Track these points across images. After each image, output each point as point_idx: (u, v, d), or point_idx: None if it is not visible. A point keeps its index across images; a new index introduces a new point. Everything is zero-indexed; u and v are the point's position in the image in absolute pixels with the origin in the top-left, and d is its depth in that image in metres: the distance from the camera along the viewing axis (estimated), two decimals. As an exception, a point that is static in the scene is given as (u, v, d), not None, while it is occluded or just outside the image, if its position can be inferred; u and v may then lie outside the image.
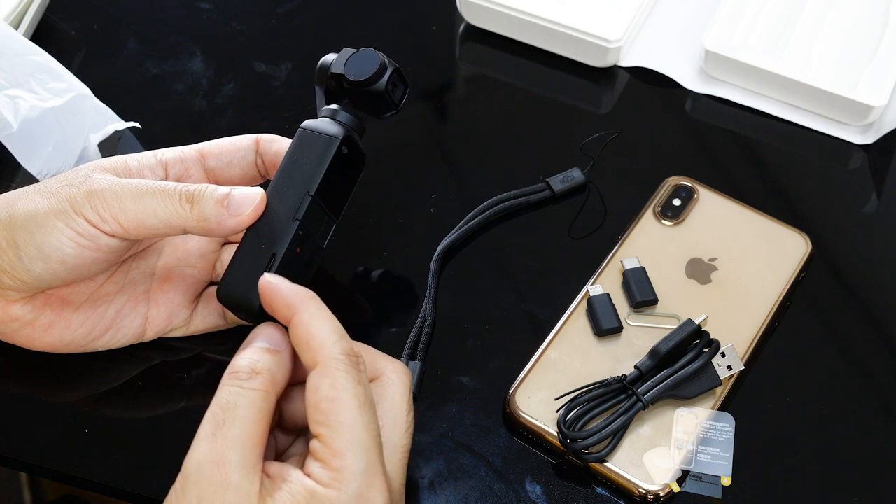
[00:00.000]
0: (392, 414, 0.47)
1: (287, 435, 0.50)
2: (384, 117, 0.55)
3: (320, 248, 0.52)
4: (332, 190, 0.52)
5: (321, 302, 0.46)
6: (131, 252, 0.55)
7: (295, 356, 0.47)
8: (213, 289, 0.56)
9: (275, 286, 0.46)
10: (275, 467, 0.44)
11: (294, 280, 0.47)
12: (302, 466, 0.44)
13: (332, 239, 0.53)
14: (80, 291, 0.54)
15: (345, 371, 0.44)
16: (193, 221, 0.50)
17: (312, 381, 0.44)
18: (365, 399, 0.44)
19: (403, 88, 0.55)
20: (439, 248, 0.61)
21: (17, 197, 0.51)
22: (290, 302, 0.46)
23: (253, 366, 0.45)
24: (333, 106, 0.54)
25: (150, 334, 0.56)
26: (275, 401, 0.45)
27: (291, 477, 0.44)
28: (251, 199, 0.50)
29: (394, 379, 0.48)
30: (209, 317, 0.57)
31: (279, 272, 0.49)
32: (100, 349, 0.55)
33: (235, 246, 0.53)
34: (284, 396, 0.49)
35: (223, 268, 0.56)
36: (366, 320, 0.60)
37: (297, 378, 0.49)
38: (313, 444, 0.44)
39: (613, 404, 0.53)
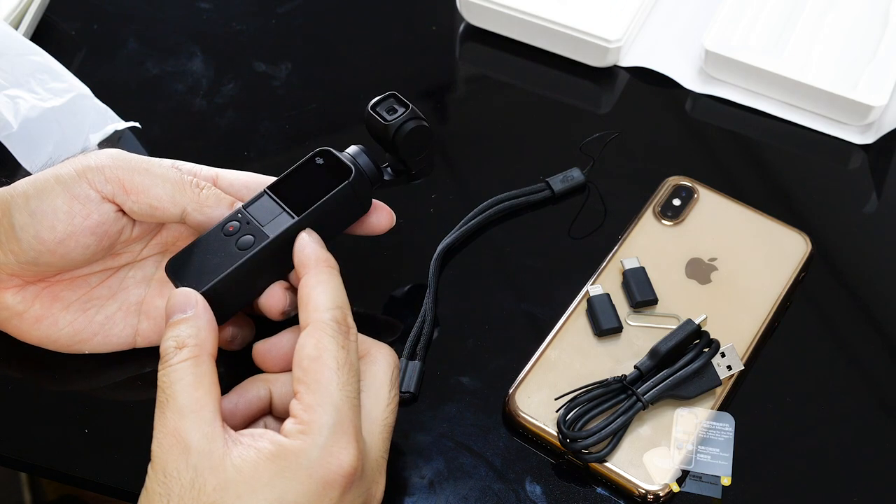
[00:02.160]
0: (373, 388, 0.49)
1: (278, 422, 0.50)
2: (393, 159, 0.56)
3: (265, 236, 0.51)
4: (294, 191, 0.52)
5: (335, 272, 0.49)
6: (130, 249, 0.55)
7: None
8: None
9: (303, 242, 0.50)
10: (251, 431, 0.46)
11: (223, 258, 0.50)
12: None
13: (287, 235, 0.52)
14: (71, 290, 0.54)
15: (330, 335, 0.46)
16: (196, 204, 0.51)
17: (301, 340, 0.47)
18: (345, 362, 0.46)
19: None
20: (439, 248, 0.61)
21: (27, 177, 0.52)
22: (304, 262, 0.49)
23: (175, 342, 0.46)
24: None
25: (142, 344, 0.56)
26: (209, 360, 0.47)
27: (263, 434, 0.45)
28: None
29: (377, 358, 0.50)
30: None
31: (199, 239, 0.51)
32: (87, 352, 0.55)
33: None
34: (275, 381, 0.50)
35: None
36: (366, 320, 0.60)
37: (282, 363, 0.51)
38: (292, 402, 0.46)
39: (613, 404, 0.53)
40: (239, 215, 0.52)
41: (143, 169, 0.51)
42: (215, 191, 0.52)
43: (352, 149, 0.55)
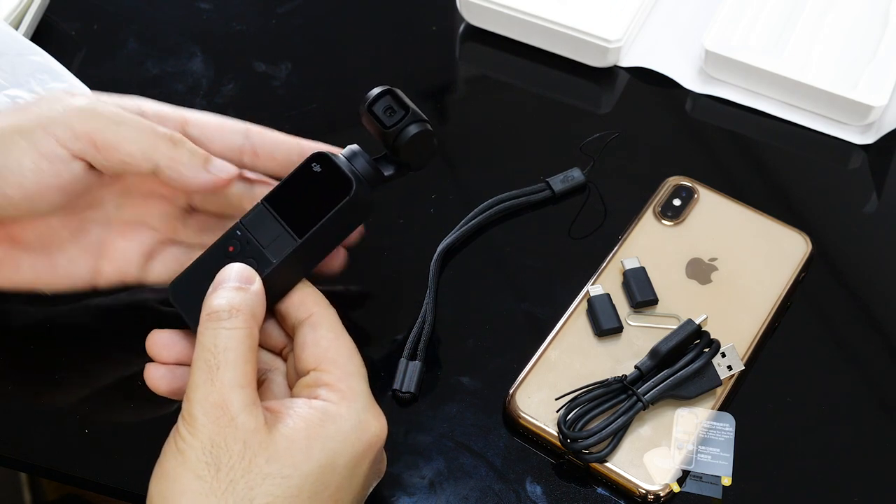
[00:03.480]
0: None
1: None
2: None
3: (268, 261, 0.49)
4: (293, 204, 0.50)
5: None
6: (92, 192, 0.53)
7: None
8: (172, 249, 0.55)
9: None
10: (275, 403, 0.46)
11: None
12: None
13: (291, 260, 0.50)
14: (31, 233, 0.52)
15: (338, 322, 0.49)
16: (168, 160, 0.50)
17: (308, 329, 0.48)
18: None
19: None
20: (439, 248, 0.61)
21: None
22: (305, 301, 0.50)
23: (231, 304, 0.46)
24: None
25: (103, 285, 0.54)
26: (257, 335, 0.47)
27: (297, 403, 0.46)
28: (228, 168, 0.52)
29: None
30: (164, 274, 0.55)
31: (199, 261, 0.50)
32: (48, 293, 0.54)
33: (200, 214, 0.55)
34: None
35: (185, 232, 0.56)
36: (366, 320, 0.60)
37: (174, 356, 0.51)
38: (320, 377, 0.47)
39: (614, 404, 0.53)
40: (238, 233, 0.50)
41: (115, 122, 0.49)
42: (189, 148, 0.50)
43: (348, 150, 0.52)
